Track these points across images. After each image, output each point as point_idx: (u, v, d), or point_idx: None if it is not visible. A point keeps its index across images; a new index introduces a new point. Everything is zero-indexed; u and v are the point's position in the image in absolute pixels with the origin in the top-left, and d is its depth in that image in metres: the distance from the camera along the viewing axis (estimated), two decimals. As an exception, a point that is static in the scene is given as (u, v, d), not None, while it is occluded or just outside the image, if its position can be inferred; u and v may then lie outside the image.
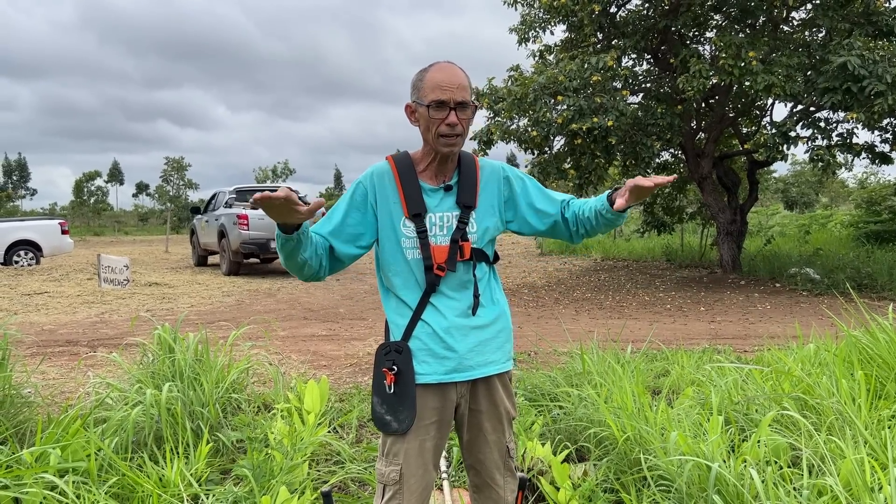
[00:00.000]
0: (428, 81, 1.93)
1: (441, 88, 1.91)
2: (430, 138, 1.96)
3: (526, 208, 2.13)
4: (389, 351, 1.97)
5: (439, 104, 1.91)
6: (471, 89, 1.99)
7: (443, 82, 1.92)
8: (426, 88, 1.93)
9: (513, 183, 2.13)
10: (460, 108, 1.92)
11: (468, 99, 1.95)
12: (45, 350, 6.60)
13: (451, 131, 1.93)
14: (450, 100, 1.91)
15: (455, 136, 1.95)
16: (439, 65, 1.96)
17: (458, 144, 1.98)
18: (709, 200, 13.26)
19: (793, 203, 42.14)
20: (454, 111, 1.92)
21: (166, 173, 60.74)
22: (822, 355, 3.96)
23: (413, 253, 1.98)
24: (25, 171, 68.92)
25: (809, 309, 9.36)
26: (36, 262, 16.58)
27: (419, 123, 1.99)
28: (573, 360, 4.57)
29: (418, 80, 1.97)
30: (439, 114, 1.92)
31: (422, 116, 1.96)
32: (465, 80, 1.96)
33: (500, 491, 2.13)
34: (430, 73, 1.94)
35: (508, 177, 2.13)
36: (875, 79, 9.46)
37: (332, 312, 9.50)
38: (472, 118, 2.02)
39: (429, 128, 1.94)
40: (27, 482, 2.59)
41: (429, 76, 1.94)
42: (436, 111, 1.92)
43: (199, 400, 3.68)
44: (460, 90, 1.93)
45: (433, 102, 1.91)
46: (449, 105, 1.91)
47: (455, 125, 1.92)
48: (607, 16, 12.34)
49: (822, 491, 2.39)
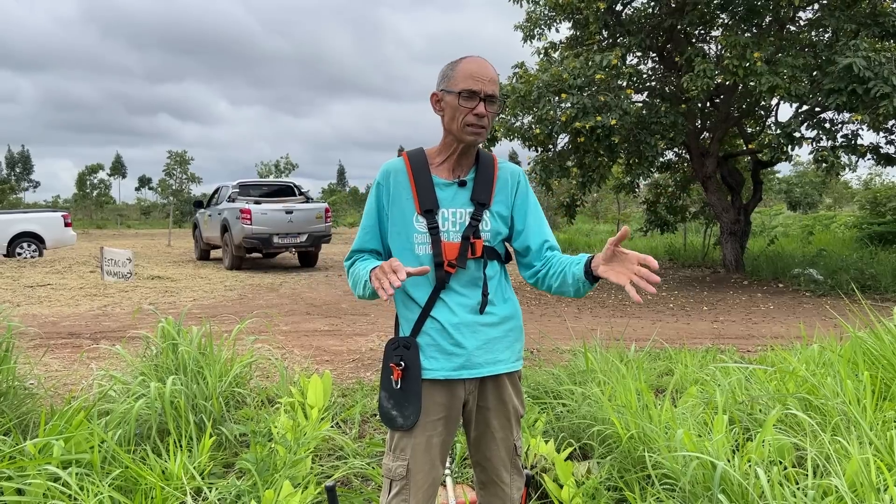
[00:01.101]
0: (460, 71, 1.95)
1: (474, 78, 1.94)
2: (456, 127, 1.96)
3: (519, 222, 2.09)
4: (398, 346, 1.97)
5: (470, 94, 1.93)
6: (498, 87, 2.01)
7: (476, 73, 1.95)
8: (458, 77, 1.95)
9: (524, 191, 2.11)
10: (489, 101, 1.95)
11: (497, 93, 1.98)
12: (47, 342, 6.60)
13: (477, 122, 1.95)
14: (481, 90, 1.94)
15: (481, 127, 1.96)
16: (472, 57, 1.99)
17: (482, 136, 1.99)
18: (712, 200, 13.24)
19: (796, 203, 42.09)
20: (483, 102, 1.94)
21: (169, 167, 60.75)
22: (827, 356, 3.95)
23: (424, 248, 1.98)
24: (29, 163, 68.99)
25: (813, 310, 9.34)
26: (39, 254, 16.60)
27: (444, 112, 2.00)
28: (576, 358, 4.57)
29: (449, 69, 1.99)
30: (469, 103, 1.93)
31: (449, 105, 1.97)
32: (495, 75, 2.00)
33: (506, 489, 2.12)
34: (463, 63, 1.97)
35: (522, 182, 2.12)
36: (881, 80, 9.42)
37: (334, 308, 9.49)
38: (497, 114, 2.03)
39: (455, 117, 1.96)
40: (31, 474, 2.59)
41: (461, 66, 1.96)
42: (466, 100, 1.93)
43: (203, 393, 3.68)
44: (491, 83, 1.97)
45: (465, 91, 1.93)
46: (479, 95, 1.94)
47: (483, 116, 1.95)
48: (613, 13, 12.31)
49: (828, 491, 2.38)
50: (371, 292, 1.93)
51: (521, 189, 2.11)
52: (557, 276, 1.99)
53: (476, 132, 1.96)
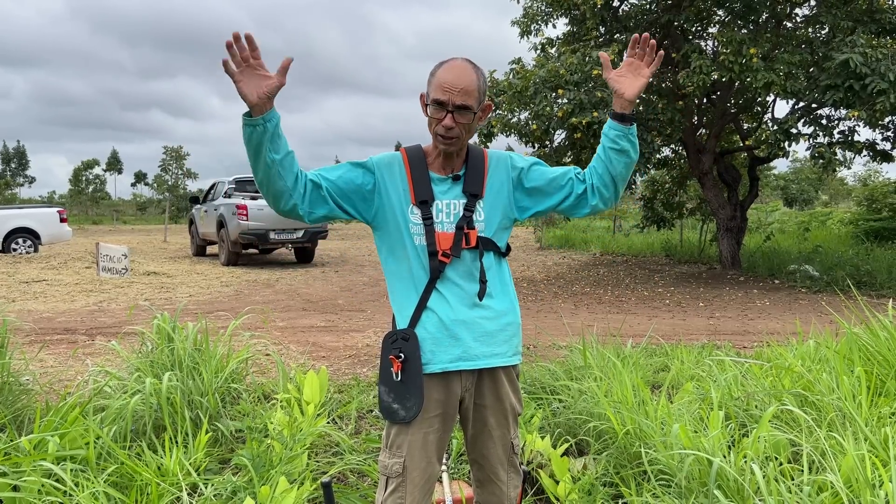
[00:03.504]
0: (436, 78, 1.92)
1: (443, 89, 1.89)
2: (431, 132, 1.97)
3: (538, 180, 2.09)
4: (396, 339, 1.96)
5: (438, 104, 1.90)
6: (480, 91, 1.94)
7: (446, 83, 1.89)
8: (433, 85, 1.93)
9: (519, 163, 2.11)
10: (459, 112, 1.90)
11: (469, 103, 1.90)
12: (43, 338, 6.58)
13: (445, 133, 1.92)
14: (448, 102, 1.89)
15: (450, 138, 1.93)
16: (451, 63, 1.94)
17: (455, 146, 1.96)
18: (709, 196, 13.25)
19: (792, 200, 42.20)
20: (451, 114, 1.90)
21: (165, 163, 60.62)
22: (822, 352, 3.95)
23: (419, 239, 1.98)
24: (24, 158, 68.73)
25: (808, 306, 9.36)
26: (34, 249, 16.55)
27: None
28: (573, 354, 4.57)
29: (431, 74, 1.96)
30: (437, 114, 1.91)
31: (427, 110, 1.96)
32: (472, 83, 1.91)
33: (503, 486, 2.12)
34: (441, 70, 1.93)
35: (514, 160, 2.11)
36: (877, 77, 9.43)
37: (330, 304, 9.49)
38: (482, 119, 1.99)
39: (430, 123, 1.96)
40: (26, 470, 2.58)
41: (438, 73, 1.93)
42: (434, 110, 1.92)
43: (199, 389, 3.67)
44: (462, 94, 1.89)
45: (433, 101, 1.91)
46: (447, 107, 1.89)
47: (451, 128, 1.91)
48: (609, 9, 12.30)
49: (823, 487, 2.39)
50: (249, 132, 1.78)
51: (516, 162, 2.10)
52: (602, 163, 2.02)
53: (446, 143, 1.94)
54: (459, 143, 1.97)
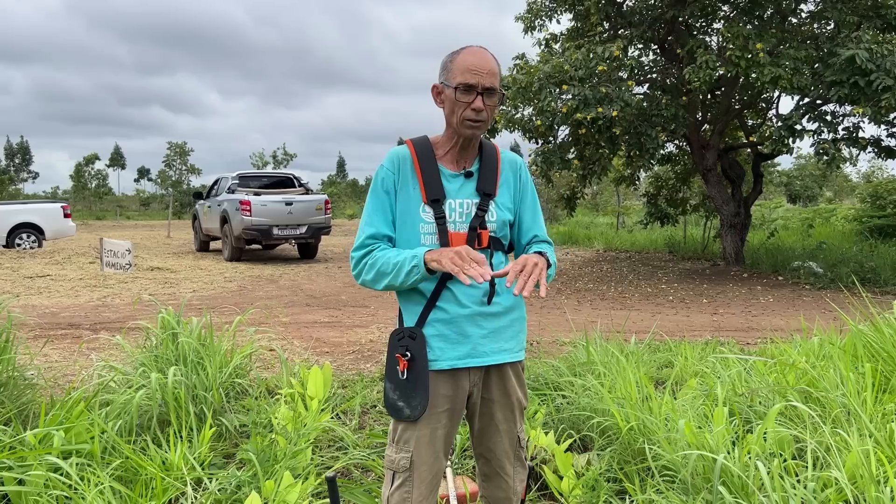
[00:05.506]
0: (458, 64, 1.91)
1: (471, 72, 1.89)
2: (455, 121, 1.94)
3: (524, 212, 2.12)
4: (403, 336, 1.95)
5: (467, 88, 1.89)
6: (500, 77, 1.97)
7: (473, 66, 1.90)
8: (455, 70, 1.91)
9: (526, 181, 2.12)
10: (487, 95, 1.91)
11: (496, 86, 1.92)
12: (47, 333, 6.60)
13: (475, 116, 1.91)
14: (478, 84, 1.89)
15: (479, 121, 1.93)
16: (471, 48, 1.94)
17: (481, 129, 1.96)
18: (713, 192, 13.22)
19: (796, 196, 42.08)
20: (481, 96, 1.90)
21: (169, 158, 60.65)
22: (827, 348, 3.95)
23: (431, 239, 1.96)
24: (28, 154, 68.76)
25: (812, 302, 9.34)
26: (38, 245, 16.59)
27: (444, 105, 1.97)
28: (576, 350, 4.57)
29: (448, 61, 1.95)
30: (466, 97, 1.90)
31: (448, 98, 1.94)
32: (495, 66, 1.94)
33: (509, 480, 2.12)
34: (462, 55, 1.93)
35: (524, 171, 2.12)
36: (883, 73, 9.39)
37: (334, 299, 9.50)
38: (498, 106, 2.00)
39: (454, 110, 1.93)
40: (31, 464, 2.58)
41: (460, 58, 1.92)
42: (463, 94, 1.90)
43: (203, 384, 3.68)
44: (489, 76, 1.91)
45: (461, 85, 1.89)
46: (477, 89, 1.89)
47: (480, 111, 1.91)
48: (614, 5, 12.26)
49: (828, 483, 2.39)
50: (416, 279, 1.86)
51: (523, 181, 2.11)
52: None
53: (474, 126, 1.94)
54: (484, 128, 1.98)
